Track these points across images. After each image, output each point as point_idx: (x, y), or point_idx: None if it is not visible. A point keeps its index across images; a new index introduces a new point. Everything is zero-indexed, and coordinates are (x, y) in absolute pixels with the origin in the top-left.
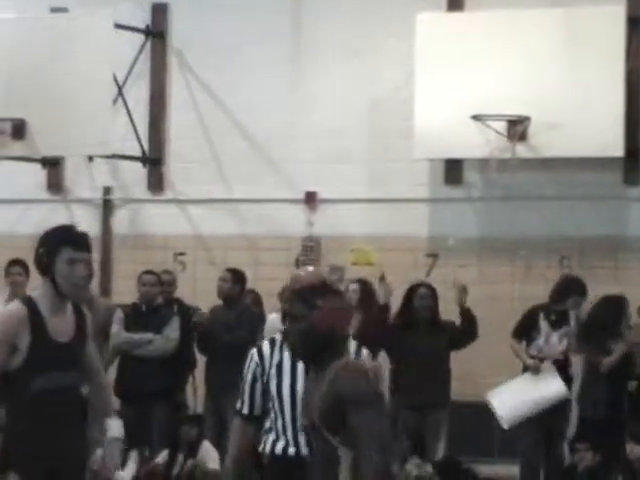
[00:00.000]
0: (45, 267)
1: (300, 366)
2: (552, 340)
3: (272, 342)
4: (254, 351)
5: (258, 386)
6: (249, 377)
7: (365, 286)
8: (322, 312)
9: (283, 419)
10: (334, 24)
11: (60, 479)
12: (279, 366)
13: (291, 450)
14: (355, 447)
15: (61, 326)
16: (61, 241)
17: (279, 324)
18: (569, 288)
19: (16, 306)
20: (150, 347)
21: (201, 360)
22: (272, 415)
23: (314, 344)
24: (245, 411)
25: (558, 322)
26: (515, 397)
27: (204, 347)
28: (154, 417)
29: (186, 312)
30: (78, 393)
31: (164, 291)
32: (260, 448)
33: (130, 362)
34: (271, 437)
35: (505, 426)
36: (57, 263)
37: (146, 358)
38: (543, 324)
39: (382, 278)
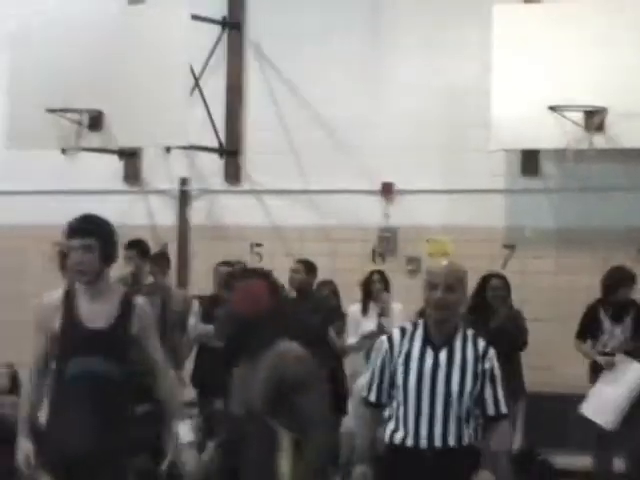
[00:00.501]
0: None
1: (428, 358)
2: (616, 333)
3: (402, 331)
4: (384, 339)
5: (386, 374)
6: (378, 364)
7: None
8: (237, 294)
9: (405, 409)
10: (413, 14)
11: (84, 472)
12: (407, 355)
13: (409, 441)
14: (300, 429)
15: (96, 313)
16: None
17: (359, 315)
18: (618, 279)
19: (54, 294)
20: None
21: None
22: (394, 404)
23: (233, 325)
24: (372, 399)
25: (618, 314)
26: (605, 400)
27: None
28: (231, 408)
29: None
30: (107, 380)
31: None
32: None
33: (207, 354)
34: (390, 426)
35: (612, 428)
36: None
37: (221, 349)
38: (604, 319)
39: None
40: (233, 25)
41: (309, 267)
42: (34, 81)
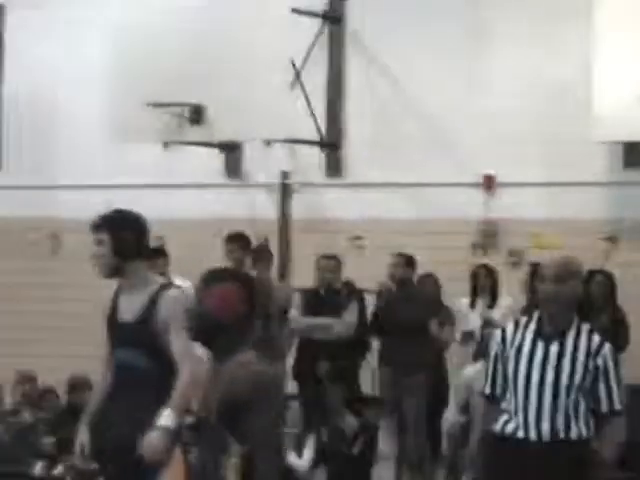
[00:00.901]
0: None
1: (539, 350)
2: None
3: (516, 324)
4: (499, 331)
5: (499, 366)
6: (492, 357)
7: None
8: (210, 295)
9: (516, 401)
10: (512, 6)
11: (107, 460)
12: (519, 348)
13: (520, 433)
14: (250, 444)
15: (127, 305)
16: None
17: (465, 308)
18: None
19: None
20: (329, 331)
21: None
22: (507, 395)
23: (203, 326)
24: (487, 391)
25: None
26: None
27: (380, 330)
28: (329, 400)
29: (361, 296)
30: (134, 371)
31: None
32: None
33: (308, 345)
34: (504, 417)
35: None
36: None
37: (324, 342)
38: None
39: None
40: (334, 18)
41: (409, 260)
42: (136, 75)
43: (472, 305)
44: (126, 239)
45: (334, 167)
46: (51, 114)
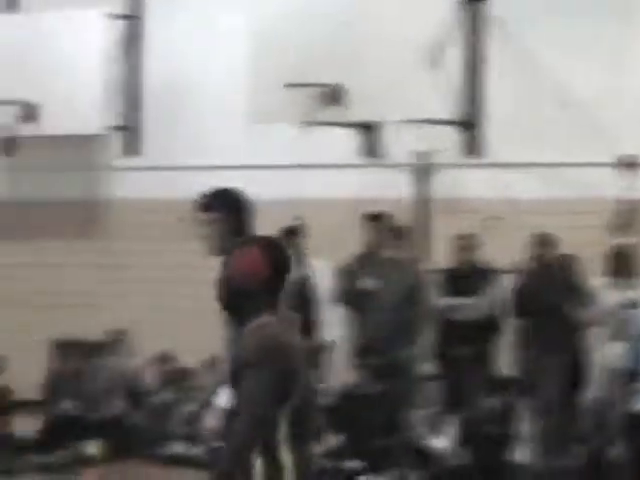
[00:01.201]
0: None
1: None
2: None
3: None
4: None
5: None
6: (633, 336)
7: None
8: (235, 261)
9: None
10: None
11: None
12: None
13: None
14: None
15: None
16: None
17: (604, 288)
18: None
19: None
20: (467, 311)
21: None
22: None
23: (227, 292)
24: (628, 370)
25: None
26: None
27: (521, 310)
28: (468, 382)
29: (499, 276)
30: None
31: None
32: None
33: (447, 326)
34: None
35: None
36: None
37: (462, 322)
38: None
39: None
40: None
41: (549, 240)
42: (275, 57)
43: (610, 285)
44: (235, 218)
45: (471, 147)
46: (193, 98)
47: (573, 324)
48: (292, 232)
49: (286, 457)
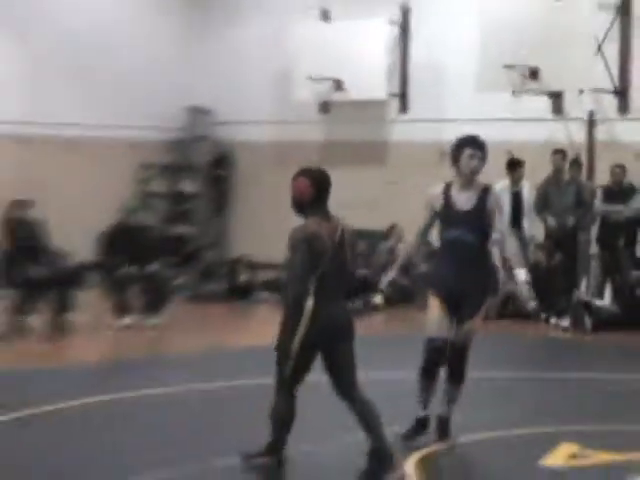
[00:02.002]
0: (453, 159)
1: None
2: None
3: None
4: None
5: None
6: None
7: None
8: (293, 185)
9: None
10: None
11: (458, 298)
12: None
13: None
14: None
15: (464, 199)
16: (463, 143)
17: None
18: None
19: (437, 187)
20: (621, 214)
21: None
22: None
23: (293, 204)
24: None
25: None
26: None
27: None
28: (622, 260)
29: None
30: (469, 244)
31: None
32: None
33: (607, 223)
34: None
35: None
36: (461, 158)
37: (615, 220)
38: None
39: None
40: (624, 9)
41: None
42: (495, 42)
43: None
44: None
45: (623, 107)
46: (441, 73)
47: None
48: (516, 163)
49: (310, 303)
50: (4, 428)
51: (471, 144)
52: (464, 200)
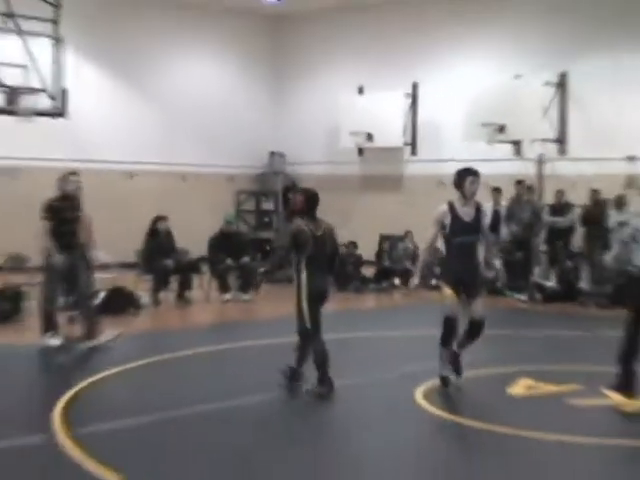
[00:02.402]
0: (457, 185)
1: None
2: None
3: None
4: None
5: None
6: None
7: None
8: (292, 199)
9: None
10: None
11: (466, 285)
12: None
13: None
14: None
15: (466, 213)
16: (465, 172)
17: None
18: None
19: (444, 206)
20: (560, 223)
21: None
22: None
23: (289, 211)
24: None
25: None
26: None
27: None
28: (558, 255)
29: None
30: (473, 245)
31: None
32: None
33: (550, 229)
34: None
35: None
36: (465, 184)
37: (558, 228)
38: None
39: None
40: (561, 85)
41: (595, 192)
42: (477, 113)
43: None
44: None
45: (562, 151)
46: (438, 130)
47: None
48: (496, 190)
49: (303, 276)
50: (149, 368)
51: (471, 173)
52: (466, 213)
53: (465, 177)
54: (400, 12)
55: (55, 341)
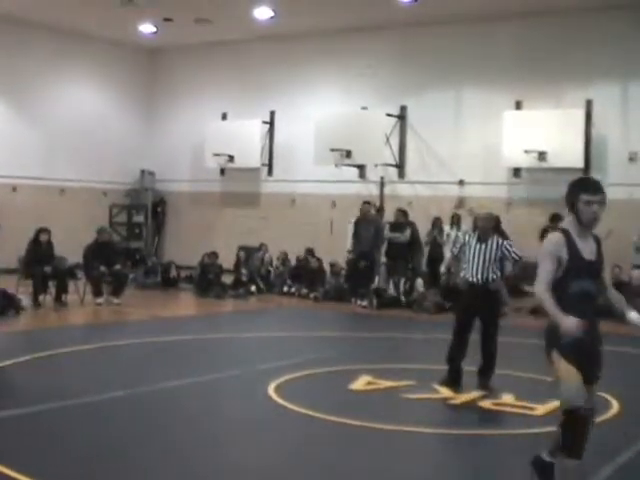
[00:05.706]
0: (570, 205)
1: None
2: None
3: None
4: None
5: None
6: None
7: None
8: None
9: None
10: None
11: (589, 350)
12: None
13: None
14: None
15: (586, 248)
16: (579, 188)
17: None
18: None
19: (557, 234)
20: (399, 239)
21: None
22: None
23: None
24: None
25: None
26: None
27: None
28: (398, 269)
29: (411, 224)
30: (594, 296)
31: None
32: None
33: (390, 244)
34: None
35: None
36: (578, 203)
37: (396, 243)
38: None
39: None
40: (401, 117)
41: (401, 209)
42: (325, 137)
43: None
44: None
45: (401, 175)
46: (293, 152)
47: None
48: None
49: None
50: (29, 365)
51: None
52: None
53: (578, 194)
54: (261, 49)
55: None
